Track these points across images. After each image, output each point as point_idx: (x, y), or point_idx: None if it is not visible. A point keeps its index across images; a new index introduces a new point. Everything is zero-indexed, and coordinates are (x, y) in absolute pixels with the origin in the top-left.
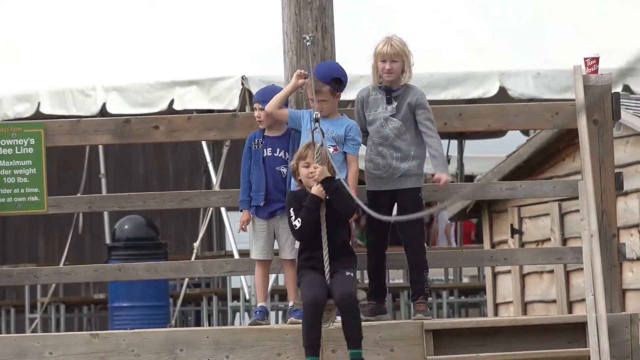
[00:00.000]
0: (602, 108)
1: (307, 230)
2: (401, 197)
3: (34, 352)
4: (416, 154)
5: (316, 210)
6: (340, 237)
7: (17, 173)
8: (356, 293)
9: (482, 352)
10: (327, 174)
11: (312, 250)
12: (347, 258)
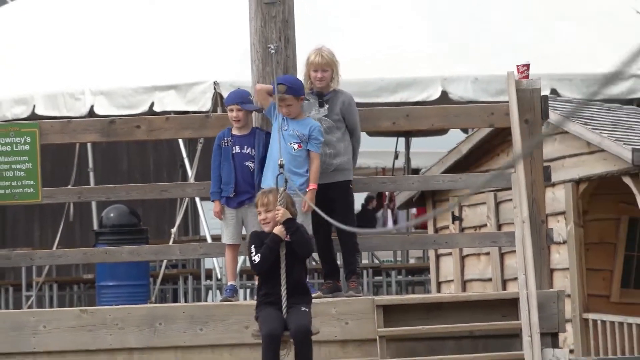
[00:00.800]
0: (532, 109)
1: (265, 266)
2: (334, 189)
3: (30, 325)
4: (346, 150)
5: (276, 249)
6: (297, 275)
7: (15, 167)
8: (310, 327)
9: (427, 324)
10: (288, 215)
11: (270, 287)
12: (303, 296)
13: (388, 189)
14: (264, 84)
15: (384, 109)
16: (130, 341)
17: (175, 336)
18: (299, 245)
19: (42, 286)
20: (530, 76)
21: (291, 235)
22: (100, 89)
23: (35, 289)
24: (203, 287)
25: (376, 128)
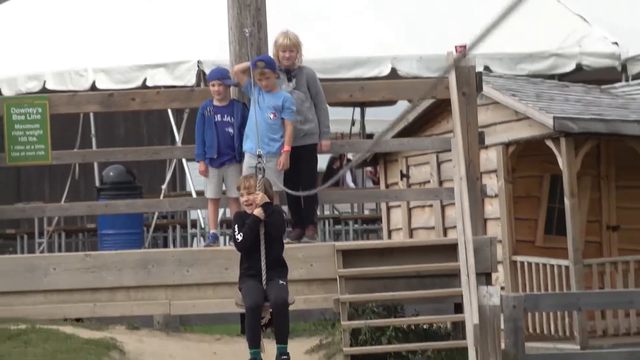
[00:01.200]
0: (469, 83)
1: (247, 243)
2: (303, 151)
3: (42, 267)
4: (313, 117)
5: (256, 228)
6: (275, 251)
7: (29, 134)
8: (288, 298)
9: (380, 266)
10: (266, 199)
11: (251, 262)
12: (281, 269)
13: (346, 151)
14: (242, 64)
15: (342, 83)
16: (127, 280)
17: (166, 276)
18: (273, 226)
19: (52, 234)
20: (467, 52)
21: (267, 217)
22: (100, 67)
23: (46, 237)
24: (189, 235)
25: (336, 99)
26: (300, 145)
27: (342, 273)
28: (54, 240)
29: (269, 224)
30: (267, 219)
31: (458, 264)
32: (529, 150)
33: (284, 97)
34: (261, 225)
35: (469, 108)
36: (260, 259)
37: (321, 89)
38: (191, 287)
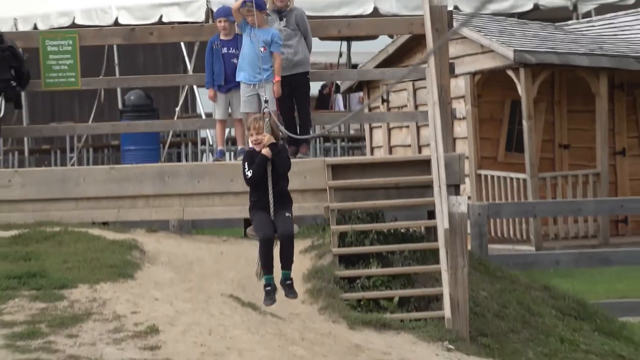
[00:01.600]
0: (441, 20)
1: (255, 179)
2: (296, 78)
3: (73, 179)
4: (302, 50)
5: (263, 166)
6: (281, 186)
7: (61, 63)
8: (293, 230)
9: (364, 178)
10: (272, 140)
11: (259, 195)
12: (286, 202)
13: (335, 79)
14: (237, 3)
15: (332, 20)
16: (146, 190)
17: (179, 187)
18: (280, 164)
19: (81, 150)
20: None
21: (274, 156)
22: (123, 5)
23: (76, 152)
24: (199, 151)
25: (326, 34)
26: (292, 73)
27: (331, 184)
28: (83, 155)
29: (276, 162)
30: (273, 157)
31: (431, 177)
32: (493, 79)
33: (272, 33)
34: (268, 163)
35: (438, 39)
36: (268, 193)
37: (309, 28)
38: (201, 196)
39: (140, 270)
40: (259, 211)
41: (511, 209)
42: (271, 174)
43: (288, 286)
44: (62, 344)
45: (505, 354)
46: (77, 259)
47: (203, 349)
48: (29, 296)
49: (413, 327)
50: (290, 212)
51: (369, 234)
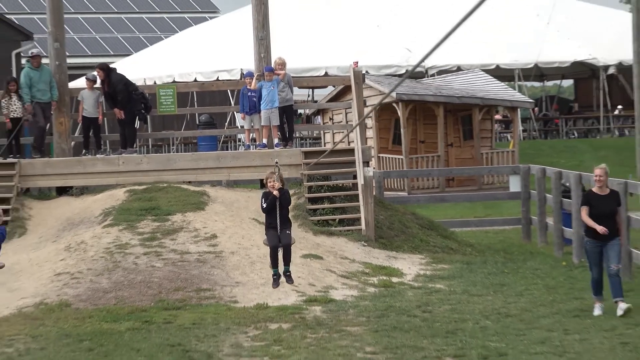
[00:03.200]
0: (359, 78)
1: (268, 209)
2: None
3: (173, 159)
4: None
5: (273, 202)
6: (284, 214)
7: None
8: (290, 241)
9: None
10: (280, 186)
11: (271, 219)
12: (287, 224)
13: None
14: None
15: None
16: (210, 165)
17: (227, 162)
18: (283, 201)
19: (178, 145)
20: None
21: (280, 196)
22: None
23: (174, 146)
24: (237, 145)
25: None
26: (284, 105)
27: (304, 161)
28: (177, 148)
29: (281, 199)
30: (280, 197)
31: (354, 157)
32: (386, 107)
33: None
34: (277, 201)
35: (358, 88)
36: (277, 218)
37: (292, 83)
38: (238, 168)
39: (207, 206)
40: (270, 230)
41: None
42: (279, 207)
43: (287, 276)
44: (168, 244)
45: (393, 247)
46: (175, 200)
47: (239, 245)
48: (151, 219)
49: (345, 234)
50: (290, 230)
51: (323, 187)
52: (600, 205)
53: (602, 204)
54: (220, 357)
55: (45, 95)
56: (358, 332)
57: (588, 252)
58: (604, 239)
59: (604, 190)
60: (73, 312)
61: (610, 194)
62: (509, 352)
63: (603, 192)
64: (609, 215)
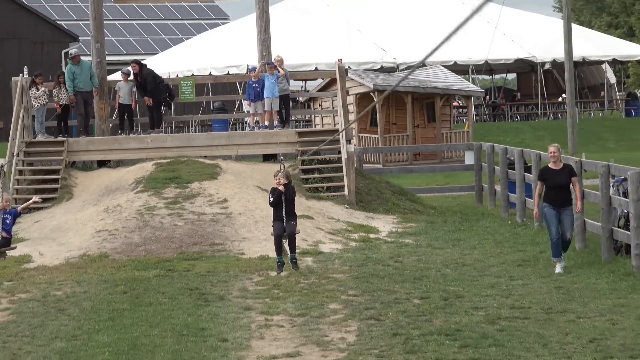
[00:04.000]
0: (343, 72)
1: (275, 203)
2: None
3: (192, 138)
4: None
5: (280, 196)
6: (290, 207)
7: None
8: (295, 230)
9: (311, 137)
10: (286, 181)
11: (277, 212)
12: (293, 216)
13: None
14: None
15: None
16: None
17: (236, 140)
18: (289, 195)
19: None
20: (342, 62)
21: (286, 191)
22: (212, 66)
23: (193, 127)
24: (243, 126)
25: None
26: (283, 94)
27: (298, 140)
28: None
29: (286, 194)
30: (285, 191)
31: (339, 136)
32: (365, 97)
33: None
34: (283, 195)
35: (342, 80)
36: (283, 211)
37: (288, 76)
38: (245, 145)
39: (220, 176)
40: (276, 221)
41: (372, 150)
42: (284, 201)
43: (293, 263)
44: (187, 206)
45: (370, 209)
46: (194, 171)
47: (245, 207)
48: (173, 186)
49: (332, 199)
50: (295, 221)
51: (314, 161)
52: (555, 178)
53: (557, 177)
54: (230, 299)
55: (87, 85)
56: (342, 278)
57: (546, 215)
58: (560, 205)
59: (558, 165)
60: (110, 262)
61: (564, 167)
62: (465, 295)
63: (557, 167)
64: (563, 186)
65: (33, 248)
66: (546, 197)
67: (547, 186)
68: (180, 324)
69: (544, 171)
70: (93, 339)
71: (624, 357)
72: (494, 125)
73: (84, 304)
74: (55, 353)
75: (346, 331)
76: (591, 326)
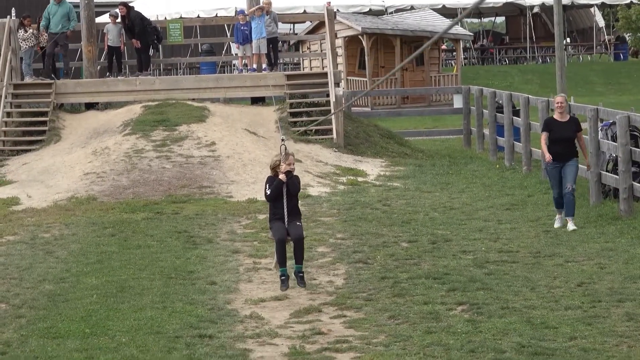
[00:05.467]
0: (331, 15)
1: (272, 196)
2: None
3: (180, 80)
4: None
5: (280, 187)
6: (293, 203)
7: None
8: (303, 234)
9: (300, 80)
10: (289, 168)
11: (277, 209)
12: (297, 215)
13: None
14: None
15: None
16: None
17: (224, 83)
18: (292, 186)
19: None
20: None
21: (288, 181)
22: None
23: (181, 69)
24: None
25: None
26: (271, 37)
27: (286, 83)
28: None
29: (289, 185)
30: (288, 181)
31: (327, 79)
32: (353, 39)
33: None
34: (284, 186)
35: (330, 23)
36: (284, 208)
37: (277, 19)
38: (233, 87)
39: (208, 118)
40: (276, 221)
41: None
42: (286, 195)
43: (300, 277)
44: (175, 149)
45: (358, 153)
46: (182, 114)
47: (233, 150)
48: (162, 129)
49: (320, 142)
50: (300, 221)
51: (302, 104)
52: (560, 130)
53: (562, 129)
54: (218, 242)
55: (55, 26)
56: (330, 221)
57: (549, 173)
58: (563, 159)
59: (564, 117)
60: (98, 205)
61: (570, 120)
62: (453, 238)
63: (563, 119)
64: (568, 139)
65: (21, 190)
66: (549, 150)
67: (551, 139)
68: (169, 266)
69: (549, 122)
70: (81, 281)
71: (612, 300)
72: (483, 68)
73: (72, 246)
74: (43, 295)
75: (334, 274)
76: (579, 270)
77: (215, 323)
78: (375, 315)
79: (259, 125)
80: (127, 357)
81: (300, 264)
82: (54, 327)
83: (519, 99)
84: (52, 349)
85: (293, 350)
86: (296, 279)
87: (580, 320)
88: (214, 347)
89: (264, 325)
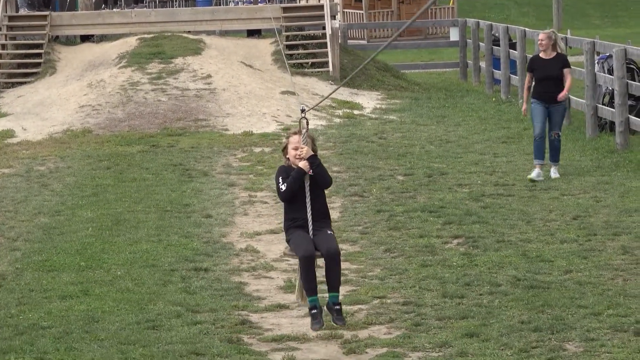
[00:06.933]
0: None
1: (289, 194)
2: None
3: (178, 12)
4: None
5: (300, 180)
6: (320, 202)
7: None
8: (338, 247)
9: (297, 13)
10: (311, 152)
11: (295, 212)
12: (326, 220)
13: None
14: None
15: None
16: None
17: (220, 15)
18: (320, 177)
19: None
20: None
21: (314, 169)
22: None
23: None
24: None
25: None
26: None
27: (283, 15)
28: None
29: (317, 174)
30: (314, 170)
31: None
32: None
33: None
34: (306, 178)
35: None
36: (306, 210)
37: None
38: (229, 20)
39: (203, 51)
40: (296, 229)
41: (357, 26)
42: (310, 189)
43: (337, 311)
44: (171, 81)
45: (354, 86)
46: (178, 46)
47: (229, 83)
48: (157, 62)
49: (317, 74)
50: (332, 230)
51: (298, 36)
52: (544, 69)
53: (547, 68)
54: (214, 175)
55: None
56: (326, 155)
57: (532, 110)
58: (548, 99)
59: (550, 54)
60: (94, 138)
61: (557, 57)
62: (449, 172)
63: (548, 56)
64: (555, 78)
65: (16, 123)
66: (534, 90)
67: (536, 78)
68: (164, 199)
69: (532, 60)
70: (77, 214)
71: (607, 234)
72: (479, 1)
73: (68, 179)
74: (38, 228)
75: (330, 207)
76: (575, 203)
77: (210, 256)
78: (370, 249)
79: (254, 57)
80: (122, 290)
81: (337, 292)
82: (49, 260)
83: (516, 32)
84: (47, 282)
85: (288, 284)
86: (331, 315)
87: (576, 254)
88: (209, 280)
89: (259, 259)
